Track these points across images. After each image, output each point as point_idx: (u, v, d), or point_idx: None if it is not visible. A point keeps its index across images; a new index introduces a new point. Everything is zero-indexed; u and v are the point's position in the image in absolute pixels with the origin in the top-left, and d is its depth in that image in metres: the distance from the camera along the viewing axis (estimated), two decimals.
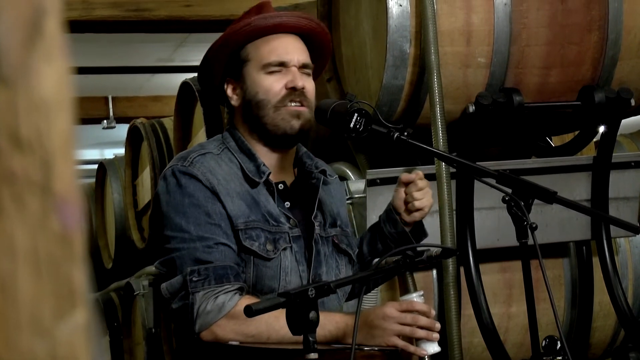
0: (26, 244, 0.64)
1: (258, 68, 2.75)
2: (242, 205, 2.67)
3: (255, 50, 2.76)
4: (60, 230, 0.65)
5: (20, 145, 0.64)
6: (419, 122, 3.49)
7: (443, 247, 2.64)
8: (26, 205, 0.64)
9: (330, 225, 2.81)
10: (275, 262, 2.67)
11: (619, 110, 3.58)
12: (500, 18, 3.43)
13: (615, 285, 3.70)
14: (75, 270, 0.65)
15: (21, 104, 0.64)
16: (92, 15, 5.60)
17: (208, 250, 2.61)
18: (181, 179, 2.67)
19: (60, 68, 0.65)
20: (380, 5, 3.43)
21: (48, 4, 0.64)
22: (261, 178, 2.71)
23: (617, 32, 3.53)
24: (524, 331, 3.61)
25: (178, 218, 2.64)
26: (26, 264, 0.64)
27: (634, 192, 3.80)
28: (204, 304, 2.57)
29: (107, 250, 6.80)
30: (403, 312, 2.55)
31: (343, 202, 2.97)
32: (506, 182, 2.61)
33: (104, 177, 6.80)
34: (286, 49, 2.76)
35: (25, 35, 0.64)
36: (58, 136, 0.66)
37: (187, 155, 2.72)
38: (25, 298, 0.63)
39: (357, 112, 2.64)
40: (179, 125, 5.11)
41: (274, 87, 2.72)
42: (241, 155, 2.75)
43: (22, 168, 0.64)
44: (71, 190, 0.66)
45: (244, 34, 2.76)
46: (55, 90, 0.65)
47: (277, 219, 2.70)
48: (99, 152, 13.63)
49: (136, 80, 10.16)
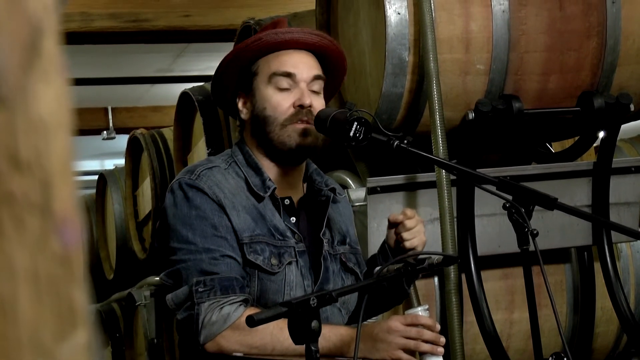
0: (26, 265, 0.64)
1: (266, 80, 2.74)
2: (248, 219, 2.67)
3: (265, 63, 2.77)
4: (60, 250, 0.65)
5: (19, 166, 0.63)
6: (418, 130, 3.50)
7: (444, 255, 2.64)
8: (26, 226, 0.64)
9: (339, 243, 2.81)
10: (279, 277, 2.66)
11: (619, 115, 3.58)
12: (499, 25, 3.44)
13: (617, 290, 3.69)
14: (76, 290, 0.65)
15: (19, 124, 0.64)
16: (91, 27, 5.60)
17: (214, 262, 2.61)
18: (188, 191, 2.67)
19: (58, 88, 0.65)
20: (379, 14, 3.43)
21: (45, 24, 0.64)
22: (266, 192, 2.71)
23: (616, 38, 3.53)
24: (527, 337, 3.60)
25: (184, 230, 2.65)
26: (26, 284, 0.64)
27: (635, 197, 3.79)
28: (209, 314, 2.57)
29: (108, 261, 6.80)
30: (408, 326, 2.55)
31: (352, 221, 2.97)
32: (506, 188, 2.61)
33: (104, 188, 6.80)
34: (295, 62, 2.76)
35: (23, 55, 0.63)
36: (57, 156, 0.66)
37: (194, 169, 2.73)
38: (25, 319, 0.63)
39: (357, 121, 2.64)
40: (178, 136, 5.11)
41: (281, 105, 2.72)
42: (247, 169, 2.75)
43: (21, 189, 0.64)
44: (71, 210, 0.66)
45: (254, 49, 2.77)
46: (53, 111, 0.65)
47: (282, 234, 2.70)
48: (99, 163, 13.64)
49: (136, 90, 10.16)
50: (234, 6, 5.63)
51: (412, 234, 2.75)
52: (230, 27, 5.38)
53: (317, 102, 2.76)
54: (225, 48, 5.02)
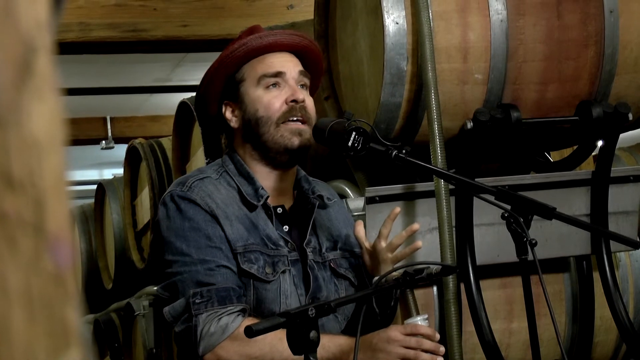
0: (19, 284, 0.63)
1: (255, 84, 2.75)
2: (241, 229, 2.67)
3: (251, 68, 2.77)
4: (53, 269, 0.65)
5: (12, 185, 0.63)
6: (417, 140, 3.49)
7: (443, 265, 2.64)
8: (19, 245, 0.64)
9: (329, 249, 2.80)
10: (274, 285, 2.66)
11: (617, 124, 3.58)
12: (497, 34, 3.44)
13: (616, 299, 3.69)
14: (69, 309, 0.65)
15: (13, 143, 0.64)
16: (90, 37, 5.60)
17: (210, 273, 2.61)
18: (180, 203, 2.67)
19: (51, 106, 0.65)
20: (377, 24, 3.43)
21: (38, 41, 0.64)
22: (259, 201, 2.71)
23: (614, 47, 3.53)
24: (526, 347, 3.60)
25: (179, 242, 2.65)
26: (19, 304, 0.63)
27: (634, 206, 3.79)
28: (207, 325, 2.57)
29: (106, 271, 6.79)
30: (407, 336, 2.54)
31: (348, 223, 2.95)
32: (505, 198, 2.61)
33: (102, 197, 6.79)
34: (282, 62, 2.77)
35: (16, 73, 0.63)
36: (50, 175, 0.66)
37: (186, 180, 2.73)
38: (19, 338, 0.63)
39: (355, 131, 2.64)
40: (177, 145, 5.11)
41: (274, 104, 2.72)
42: (240, 179, 2.75)
43: (15, 208, 0.64)
44: (64, 229, 0.66)
45: (240, 55, 2.77)
46: (46, 129, 0.65)
47: (275, 243, 2.69)
48: (97, 172, 13.64)
49: (134, 100, 10.16)
50: (232, 16, 5.63)
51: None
52: (228, 36, 5.37)
53: (309, 98, 2.77)
54: None
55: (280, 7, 5.75)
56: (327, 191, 2.94)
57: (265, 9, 5.71)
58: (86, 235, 7.10)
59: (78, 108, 9.98)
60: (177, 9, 5.66)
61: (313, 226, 2.80)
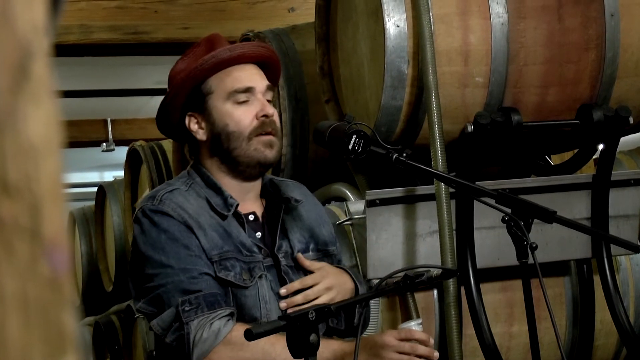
0: (15, 290, 0.63)
1: (224, 98, 2.74)
2: (215, 237, 2.67)
3: (219, 81, 2.76)
4: (49, 275, 0.65)
5: (8, 191, 0.63)
6: (417, 143, 3.49)
7: (443, 268, 2.63)
8: (15, 250, 0.64)
9: (302, 251, 2.79)
10: (253, 291, 2.66)
11: (618, 128, 3.58)
12: (498, 38, 3.44)
13: (616, 303, 3.69)
14: (65, 314, 0.65)
15: (9, 148, 0.64)
16: (91, 39, 5.60)
17: (194, 281, 2.61)
18: (154, 217, 2.67)
19: (48, 111, 0.65)
20: (378, 27, 3.43)
21: (35, 46, 0.64)
22: (229, 211, 2.71)
23: (615, 51, 3.53)
24: (526, 350, 3.59)
25: (157, 255, 2.64)
26: (15, 309, 0.63)
27: (634, 210, 3.79)
28: (200, 331, 2.56)
29: (107, 273, 6.78)
30: (402, 341, 2.55)
31: (321, 221, 2.92)
32: (505, 201, 2.61)
33: (103, 199, 6.79)
34: (250, 77, 2.78)
35: (12, 78, 0.63)
36: (47, 180, 0.65)
37: (156, 194, 2.73)
38: (14, 344, 0.62)
39: (356, 134, 2.64)
40: (177, 147, 5.11)
41: (244, 119, 2.72)
42: (208, 190, 2.74)
43: (11, 213, 0.63)
44: (60, 235, 0.65)
45: (208, 67, 2.76)
46: (43, 134, 0.65)
47: (250, 249, 2.69)
48: (98, 174, 13.65)
49: (135, 102, 10.16)
50: (233, 19, 5.63)
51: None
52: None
53: (275, 111, 2.78)
54: None
55: (281, 10, 5.74)
56: (298, 191, 2.92)
57: (266, 11, 5.71)
58: (87, 237, 7.10)
59: (79, 110, 9.98)
60: (178, 11, 5.67)
61: (283, 230, 2.79)
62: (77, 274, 7.21)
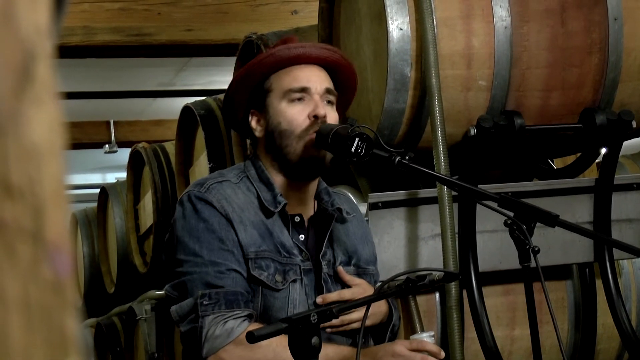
0: (17, 293, 0.63)
1: (280, 96, 2.74)
2: (255, 235, 2.67)
3: (278, 80, 2.77)
4: (52, 278, 0.65)
5: (10, 193, 0.63)
6: (420, 146, 3.49)
7: (445, 271, 2.63)
8: (17, 253, 0.63)
9: (343, 264, 2.80)
10: (283, 294, 2.66)
11: (621, 132, 3.57)
12: (501, 41, 3.43)
13: (618, 307, 3.68)
14: (68, 318, 0.65)
15: (12, 150, 0.63)
16: (94, 41, 5.61)
17: (220, 276, 2.62)
18: (197, 204, 2.68)
19: (51, 114, 0.65)
20: (381, 29, 3.43)
21: (38, 48, 0.64)
22: (276, 208, 2.71)
23: (618, 55, 3.53)
24: (528, 354, 3.59)
25: (192, 242, 2.65)
26: (18, 313, 0.63)
27: (637, 214, 3.79)
28: (213, 328, 2.57)
29: (109, 275, 6.79)
30: (413, 351, 2.54)
31: (365, 240, 2.93)
32: (508, 205, 2.61)
33: (105, 201, 6.80)
34: (308, 76, 2.76)
35: (15, 80, 0.63)
36: (50, 183, 0.65)
37: (205, 182, 2.74)
38: (17, 348, 0.62)
39: (359, 137, 2.64)
40: (180, 150, 5.11)
41: (297, 118, 2.72)
42: (259, 184, 2.75)
43: (13, 216, 0.63)
44: (63, 237, 0.65)
45: (266, 65, 2.77)
46: (46, 136, 0.65)
47: (289, 251, 2.69)
48: (100, 176, 13.65)
49: (138, 104, 10.17)
50: (236, 21, 5.63)
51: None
52: (232, 41, 5.38)
53: (332, 113, 2.76)
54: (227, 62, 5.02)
55: (284, 12, 5.75)
56: (349, 205, 2.93)
57: (269, 14, 5.72)
58: (89, 239, 7.10)
59: (81, 112, 9.98)
60: (181, 13, 5.67)
61: (330, 239, 2.79)
62: (79, 275, 7.21)
